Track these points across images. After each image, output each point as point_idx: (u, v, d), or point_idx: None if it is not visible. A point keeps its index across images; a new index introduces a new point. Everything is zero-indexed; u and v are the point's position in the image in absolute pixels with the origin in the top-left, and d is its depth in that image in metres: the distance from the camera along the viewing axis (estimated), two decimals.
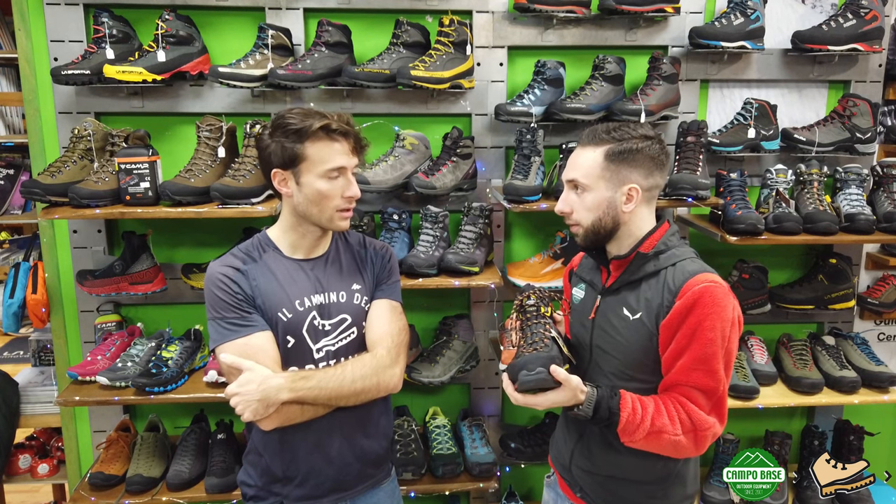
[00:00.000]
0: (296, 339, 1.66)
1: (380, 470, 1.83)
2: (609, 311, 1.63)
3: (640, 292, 1.58)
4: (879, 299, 2.75)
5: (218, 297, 1.62)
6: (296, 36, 2.43)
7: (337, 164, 1.61)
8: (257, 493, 1.74)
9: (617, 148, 1.56)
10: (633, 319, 1.58)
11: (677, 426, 1.48)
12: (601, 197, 1.57)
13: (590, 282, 1.73)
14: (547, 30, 2.53)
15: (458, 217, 2.53)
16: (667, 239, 1.61)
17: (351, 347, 1.72)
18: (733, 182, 2.47)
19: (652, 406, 1.50)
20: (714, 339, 1.46)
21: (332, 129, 1.59)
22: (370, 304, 1.77)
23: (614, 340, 1.61)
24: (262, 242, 1.72)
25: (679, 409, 1.50)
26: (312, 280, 1.70)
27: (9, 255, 2.91)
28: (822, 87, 2.72)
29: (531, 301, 1.61)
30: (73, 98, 2.41)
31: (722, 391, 1.51)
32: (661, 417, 1.48)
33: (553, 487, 1.87)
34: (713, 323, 1.46)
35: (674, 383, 1.52)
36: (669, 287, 1.53)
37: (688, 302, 1.48)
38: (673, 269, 1.55)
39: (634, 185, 1.57)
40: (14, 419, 2.64)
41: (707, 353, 1.47)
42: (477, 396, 2.74)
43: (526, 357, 1.47)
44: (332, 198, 1.62)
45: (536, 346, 1.50)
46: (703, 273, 1.52)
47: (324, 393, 1.61)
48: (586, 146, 1.61)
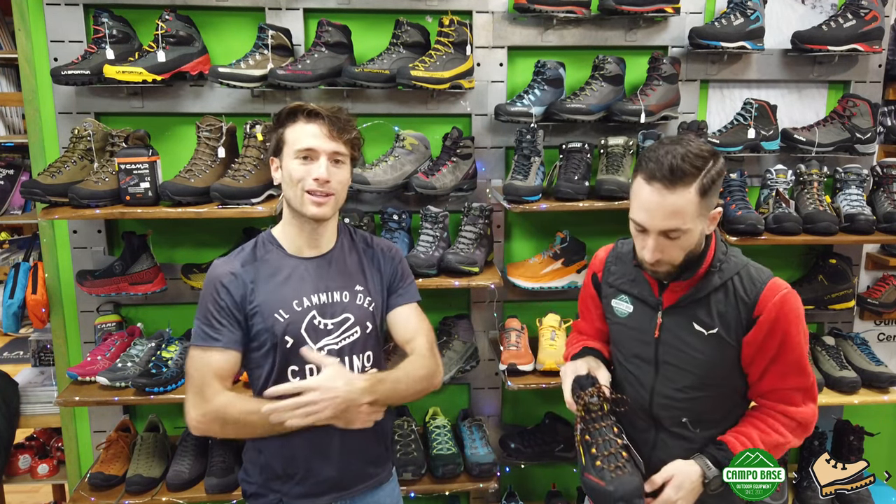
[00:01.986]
0: (294, 339, 1.65)
1: (380, 469, 1.82)
2: (677, 328, 1.60)
3: (711, 306, 1.56)
4: (879, 299, 2.75)
5: (204, 301, 1.65)
6: (296, 36, 2.43)
7: (305, 144, 1.62)
8: (257, 490, 1.74)
9: (706, 180, 1.43)
10: (708, 335, 1.56)
11: (787, 434, 1.57)
12: (698, 231, 1.48)
13: (638, 296, 1.67)
14: (547, 30, 2.53)
15: (458, 217, 2.53)
16: (720, 249, 1.58)
17: (354, 347, 1.72)
18: (733, 182, 2.47)
19: (755, 431, 1.56)
20: (800, 342, 1.53)
21: (304, 111, 1.63)
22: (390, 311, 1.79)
23: (689, 357, 1.59)
24: (265, 241, 1.73)
25: (780, 417, 1.57)
26: (314, 279, 1.70)
27: (9, 256, 2.91)
28: (822, 87, 2.72)
29: (595, 400, 1.58)
30: (73, 98, 2.41)
31: (813, 380, 1.58)
32: (769, 436, 1.56)
33: None
34: (797, 328, 1.52)
35: (770, 389, 1.58)
36: (743, 300, 1.53)
37: (770, 316, 1.50)
38: (739, 279, 1.55)
39: (719, 209, 1.53)
40: (14, 419, 2.64)
41: (797, 356, 1.54)
42: (477, 396, 2.74)
43: (620, 485, 1.47)
44: (300, 179, 1.62)
45: (616, 461, 1.51)
46: (771, 280, 1.54)
47: (394, 395, 1.67)
48: (675, 188, 1.41)
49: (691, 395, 1.60)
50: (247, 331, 1.66)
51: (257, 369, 1.70)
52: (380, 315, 1.79)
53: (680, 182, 1.41)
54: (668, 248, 1.48)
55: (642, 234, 1.50)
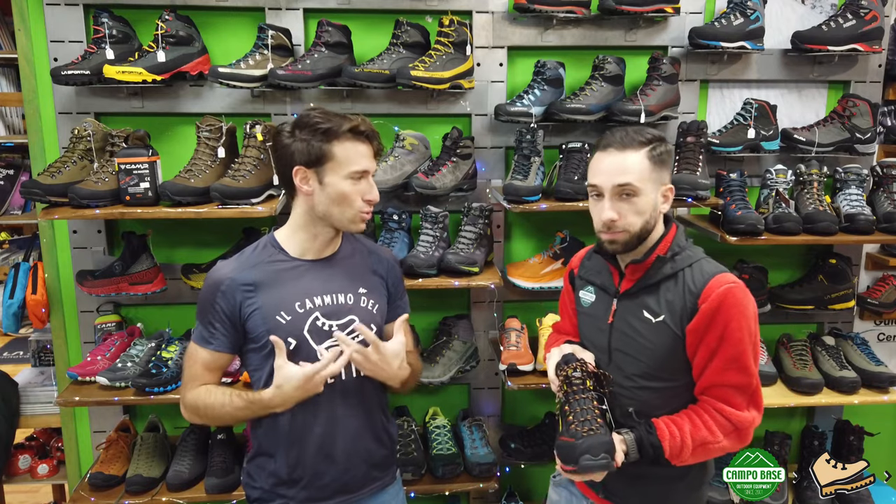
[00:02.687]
0: (297, 341, 1.65)
1: (385, 473, 1.82)
2: (628, 314, 1.65)
3: (660, 295, 1.61)
4: (879, 299, 2.75)
5: (202, 302, 1.67)
6: (296, 36, 2.43)
7: (362, 166, 1.62)
8: (262, 494, 1.74)
9: (654, 152, 1.57)
10: (655, 322, 1.61)
11: (717, 434, 1.55)
12: (650, 199, 1.58)
13: (600, 285, 1.74)
14: (547, 30, 2.53)
15: (458, 217, 2.53)
16: (679, 240, 1.64)
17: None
18: (733, 182, 2.47)
19: (688, 424, 1.56)
20: (742, 338, 1.53)
21: (360, 132, 1.61)
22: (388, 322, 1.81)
23: (637, 343, 1.63)
24: (267, 244, 1.72)
25: (715, 415, 1.56)
26: (318, 281, 1.69)
27: (9, 256, 2.91)
28: (822, 87, 2.72)
29: (578, 374, 1.60)
30: (73, 98, 2.41)
31: (756, 384, 1.57)
32: (699, 431, 1.55)
33: (566, 487, 1.86)
34: (739, 323, 1.52)
35: (709, 385, 1.58)
36: (690, 289, 1.57)
37: (712, 305, 1.53)
38: (690, 271, 1.59)
39: (670, 186, 1.63)
40: (14, 419, 2.64)
41: (738, 352, 1.53)
42: (477, 396, 2.74)
43: (587, 440, 1.48)
44: (353, 200, 1.63)
45: (590, 424, 1.52)
46: (721, 274, 1.57)
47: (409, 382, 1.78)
48: (625, 150, 1.56)
49: (639, 385, 1.63)
50: (243, 333, 1.67)
51: (258, 371, 1.70)
52: (382, 317, 1.79)
53: (630, 146, 1.56)
54: (623, 211, 1.56)
55: (599, 199, 1.59)
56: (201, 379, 1.69)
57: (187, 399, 1.69)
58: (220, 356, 1.68)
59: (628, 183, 1.55)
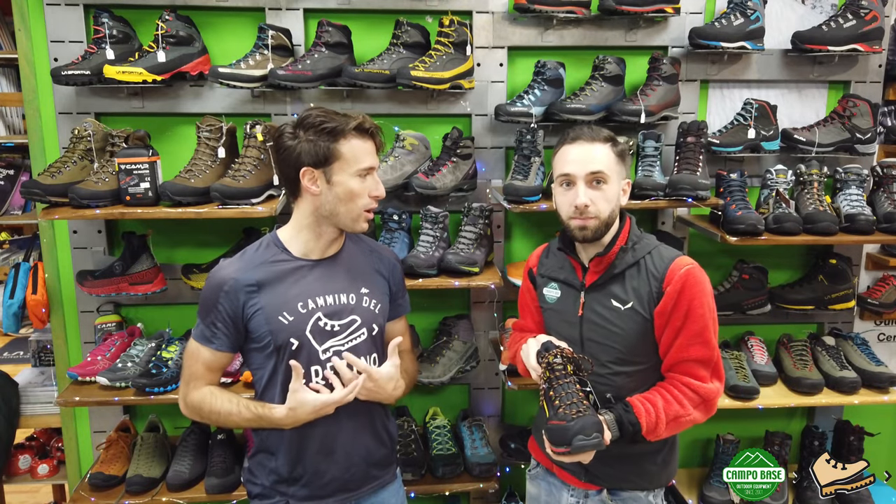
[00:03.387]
0: (299, 342, 1.65)
1: (385, 472, 1.83)
2: (597, 305, 1.74)
3: (626, 283, 1.71)
4: (879, 300, 2.75)
5: (205, 301, 1.67)
6: (296, 36, 2.43)
7: (368, 163, 1.64)
8: (263, 491, 1.75)
9: (616, 148, 1.71)
10: (624, 309, 1.70)
11: (687, 407, 1.65)
12: (616, 189, 1.70)
13: (563, 280, 1.82)
14: (547, 30, 2.53)
15: (458, 217, 2.53)
16: (634, 230, 1.76)
17: (360, 348, 1.72)
18: (733, 182, 2.47)
19: (660, 400, 1.65)
20: (704, 314, 1.65)
21: (364, 129, 1.63)
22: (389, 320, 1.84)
23: (609, 332, 1.72)
24: (270, 243, 1.71)
25: (684, 389, 1.66)
26: (321, 281, 1.69)
27: (9, 256, 2.91)
28: (822, 87, 2.72)
29: (559, 360, 1.63)
30: (73, 98, 2.41)
31: (717, 356, 1.68)
32: (671, 406, 1.64)
33: (543, 479, 1.91)
34: (701, 300, 1.65)
35: (676, 361, 1.68)
36: (654, 274, 1.69)
37: (676, 286, 1.65)
38: (650, 257, 1.71)
39: (629, 180, 1.77)
40: (14, 419, 2.64)
41: (700, 328, 1.64)
42: (477, 397, 2.74)
43: (578, 422, 1.52)
44: (361, 196, 1.65)
45: (578, 406, 1.55)
46: (679, 257, 1.70)
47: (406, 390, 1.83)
48: (594, 142, 1.69)
49: (614, 371, 1.72)
50: (245, 333, 1.67)
51: (260, 370, 1.70)
52: (384, 317, 1.80)
53: (598, 138, 1.69)
54: (595, 199, 1.66)
55: (570, 187, 1.69)
56: (203, 379, 1.70)
57: (191, 399, 1.70)
58: (222, 355, 1.69)
59: (600, 170, 1.66)
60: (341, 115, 1.63)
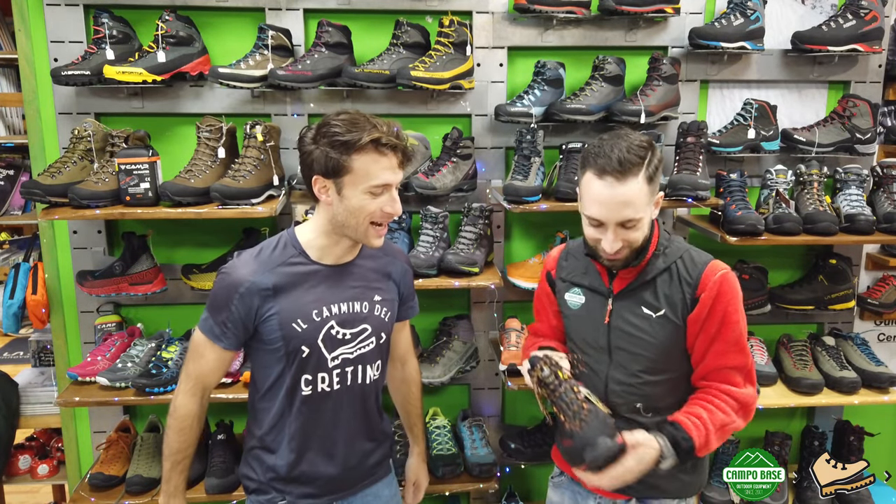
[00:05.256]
0: (310, 349, 1.64)
1: (380, 468, 1.86)
2: (626, 312, 1.67)
3: (658, 289, 1.64)
4: (879, 300, 2.75)
5: (218, 299, 1.62)
6: (296, 36, 2.43)
7: (382, 180, 1.55)
8: (259, 486, 1.75)
9: (650, 168, 1.54)
10: (655, 317, 1.64)
11: (731, 414, 1.59)
12: (649, 217, 1.60)
13: (588, 286, 1.74)
14: (547, 30, 2.53)
15: (458, 217, 2.53)
16: (663, 234, 1.68)
17: (368, 356, 1.72)
18: (733, 182, 2.47)
19: (704, 412, 1.58)
20: (738, 321, 1.60)
21: (381, 143, 1.52)
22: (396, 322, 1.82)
23: (639, 339, 1.65)
24: (288, 244, 1.66)
25: (724, 397, 1.60)
26: (336, 288, 1.67)
27: (9, 256, 2.91)
28: (822, 87, 2.72)
29: (546, 372, 1.59)
30: (73, 98, 2.41)
31: (751, 362, 1.64)
32: (716, 416, 1.57)
33: (568, 487, 1.85)
34: (735, 307, 1.60)
35: (711, 369, 1.62)
36: (687, 281, 1.62)
37: (711, 293, 1.58)
38: (682, 262, 1.64)
39: (661, 194, 1.64)
40: (14, 420, 2.64)
41: (737, 335, 1.60)
42: (477, 397, 2.74)
43: (582, 435, 1.48)
44: (371, 213, 1.57)
45: (580, 416, 1.51)
46: (711, 262, 1.63)
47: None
48: (626, 178, 1.50)
49: (644, 380, 1.66)
50: (254, 333, 1.65)
51: (265, 369, 1.69)
52: (392, 324, 1.80)
53: (629, 173, 1.50)
54: (627, 237, 1.56)
55: (598, 227, 1.58)
56: (206, 379, 1.69)
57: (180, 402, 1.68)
58: (231, 354, 1.68)
59: (632, 218, 1.53)
60: (364, 126, 1.52)
